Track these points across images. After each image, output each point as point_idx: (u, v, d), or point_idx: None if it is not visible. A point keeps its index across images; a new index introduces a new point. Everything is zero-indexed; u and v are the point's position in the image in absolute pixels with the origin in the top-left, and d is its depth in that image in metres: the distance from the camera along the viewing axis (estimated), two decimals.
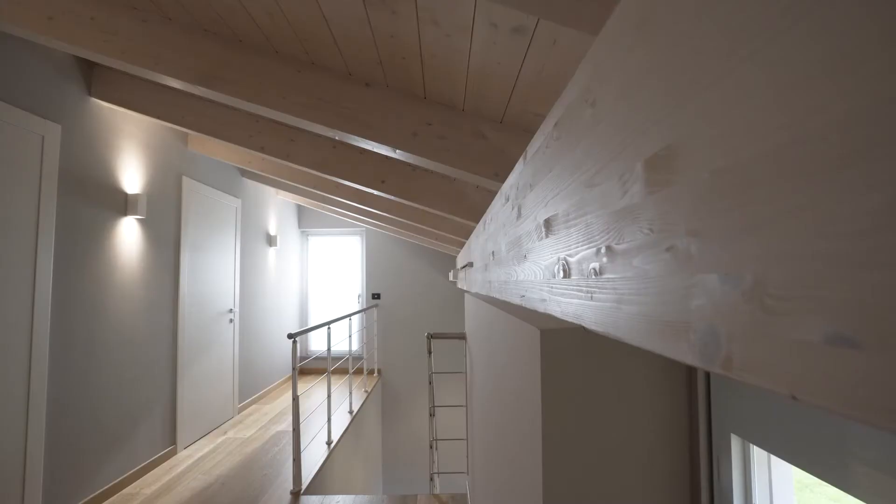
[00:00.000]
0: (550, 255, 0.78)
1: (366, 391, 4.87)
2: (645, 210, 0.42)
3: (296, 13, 1.17)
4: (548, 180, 0.79)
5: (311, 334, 5.96)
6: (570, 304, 0.67)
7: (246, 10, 1.24)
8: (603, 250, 0.53)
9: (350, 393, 4.19)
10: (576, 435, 0.61)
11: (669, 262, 0.38)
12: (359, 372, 5.61)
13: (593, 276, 0.56)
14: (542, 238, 0.84)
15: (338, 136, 1.50)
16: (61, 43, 1.47)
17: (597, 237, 0.55)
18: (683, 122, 0.36)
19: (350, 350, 4.39)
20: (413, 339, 5.87)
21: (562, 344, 0.62)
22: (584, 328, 0.60)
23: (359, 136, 1.49)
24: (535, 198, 0.89)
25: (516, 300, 1.14)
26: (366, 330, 5.64)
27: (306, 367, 5.86)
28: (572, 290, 0.65)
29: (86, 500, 2.38)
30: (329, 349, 3.38)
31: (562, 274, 0.71)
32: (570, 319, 0.67)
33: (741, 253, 0.29)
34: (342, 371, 5.54)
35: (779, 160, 0.25)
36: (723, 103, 0.31)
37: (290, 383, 5.36)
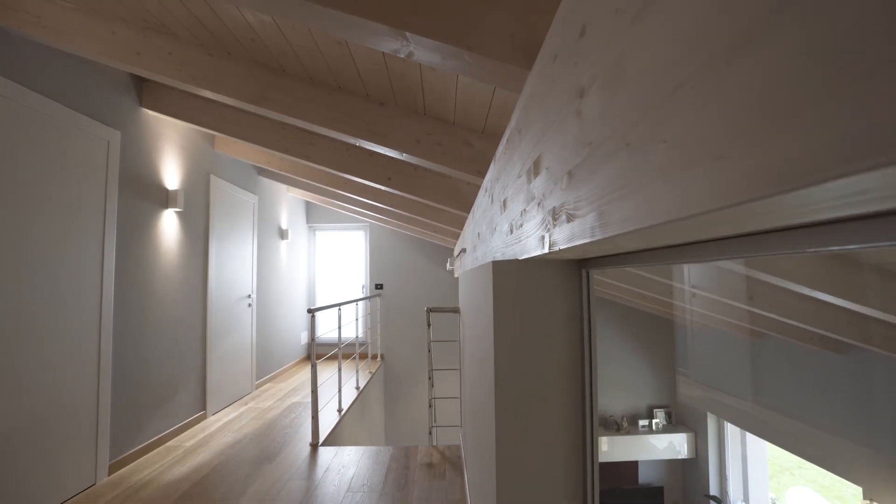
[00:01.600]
0: (505, 223, 1.23)
1: (370, 372, 5.32)
2: (533, 188, 0.87)
3: (332, 55, 1.61)
4: (504, 175, 1.24)
5: (319, 322, 6.40)
6: (512, 249, 1.11)
7: (294, 52, 1.68)
8: (523, 213, 0.98)
9: (357, 371, 4.64)
10: (513, 323, 1.05)
11: (538, 209, 0.82)
12: (363, 356, 6.06)
13: (519, 228, 1.01)
14: (502, 213, 1.29)
15: (358, 142, 1.95)
16: (146, 72, 1.91)
17: (521, 206, 1.00)
18: (542, 144, 0.81)
19: (357, 335, 4.84)
20: (413, 327, 6.32)
21: (505, 269, 1.05)
22: (517, 259, 1.05)
23: (374, 142, 1.93)
24: (499, 187, 1.34)
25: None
26: (370, 317, 6.08)
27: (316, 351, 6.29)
28: (513, 240, 1.10)
29: (140, 447, 2.83)
30: (340, 327, 3.82)
31: (510, 232, 1.15)
32: (510, 258, 1.11)
33: (552, 200, 0.73)
34: (348, 355, 5.98)
35: (559, 168, 0.70)
36: (551, 138, 0.75)
37: (300, 366, 5.81)
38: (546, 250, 0.77)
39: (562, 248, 0.68)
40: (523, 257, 0.99)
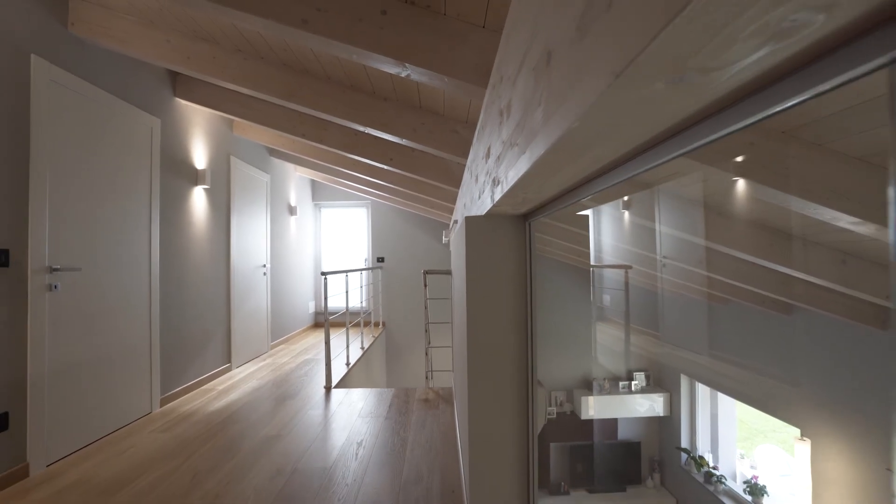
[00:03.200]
0: (476, 192, 1.71)
1: (373, 336, 5.86)
2: (488, 166, 1.34)
3: (347, 62, 2.06)
4: (476, 158, 1.71)
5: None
6: (479, 210, 1.59)
7: (317, 58, 2.13)
8: (484, 183, 1.45)
9: (361, 334, 5.17)
10: (480, 259, 1.54)
11: (488, 178, 1.30)
12: (366, 323, 6.60)
13: (483, 193, 1.49)
14: (475, 185, 1.77)
15: (368, 130, 2.41)
16: (195, 73, 2.36)
17: (483, 178, 1.47)
18: (490, 138, 1.28)
19: (361, 303, 5.36)
20: (412, 296, 6.85)
21: (474, 222, 1.54)
22: (483, 215, 1.53)
23: (379, 130, 2.39)
24: (474, 166, 1.81)
25: None
26: (371, 287, 6.60)
27: (322, 322, 6.83)
28: (479, 203, 1.58)
29: (181, 387, 3.36)
30: (347, 291, 4.33)
31: (478, 198, 1.63)
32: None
33: (493, 174, 1.21)
34: (352, 322, 6.51)
35: (495, 154, 1.18)
36: (493, 135, 1.22)
37: (308, 332, 6.35)
38: (492, 204, 1.25)
39: (496, 201, 1.16)
40: (483, 212, 1.48)
